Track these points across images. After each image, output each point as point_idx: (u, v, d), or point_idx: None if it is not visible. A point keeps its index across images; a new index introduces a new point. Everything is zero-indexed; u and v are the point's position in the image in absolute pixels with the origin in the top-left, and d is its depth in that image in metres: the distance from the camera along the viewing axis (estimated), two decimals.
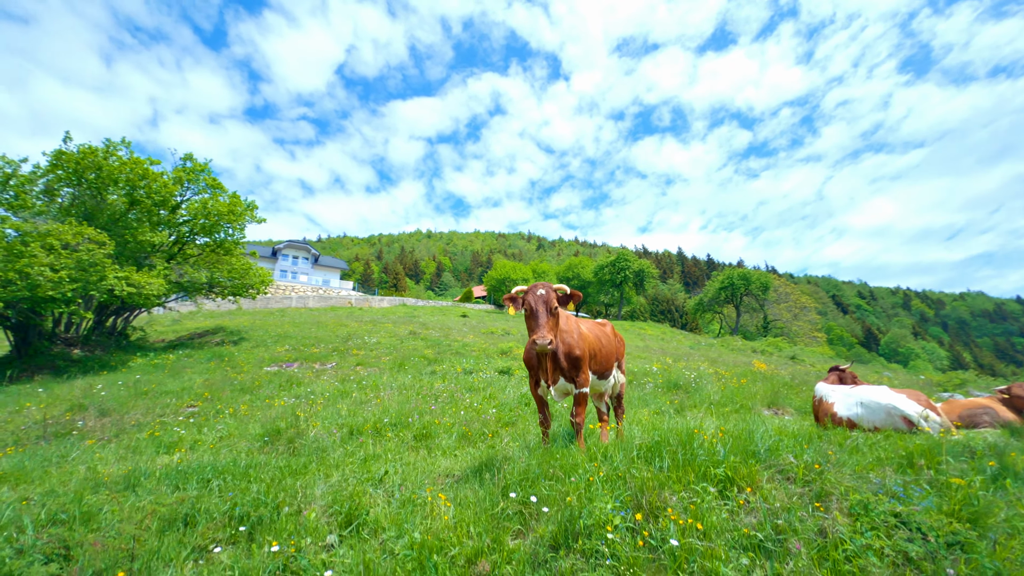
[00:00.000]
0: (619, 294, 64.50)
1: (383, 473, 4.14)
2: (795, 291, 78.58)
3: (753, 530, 2.93)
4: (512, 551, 2.77)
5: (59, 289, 12.50)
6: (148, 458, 5.94)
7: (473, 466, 4.49)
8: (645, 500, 3.09)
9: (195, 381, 11.30)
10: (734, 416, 8.80)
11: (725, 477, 3.42)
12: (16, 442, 7.50)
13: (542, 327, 4.04)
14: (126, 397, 9.61)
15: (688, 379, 11.95)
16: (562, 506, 3.05)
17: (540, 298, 4.20)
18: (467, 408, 7.95)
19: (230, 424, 7.30)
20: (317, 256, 67.37)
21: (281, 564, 2.80)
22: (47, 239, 12.95)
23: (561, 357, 4.56)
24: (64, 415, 8.37)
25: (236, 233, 20.60)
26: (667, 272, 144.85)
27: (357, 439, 6.05)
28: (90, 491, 4.02)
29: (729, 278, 63.04)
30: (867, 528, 2.92)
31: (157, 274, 15.99)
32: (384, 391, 9.35)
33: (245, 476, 4.29)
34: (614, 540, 2.78)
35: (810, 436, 4.49)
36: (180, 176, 18.10)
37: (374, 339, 20.85)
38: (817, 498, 3.22)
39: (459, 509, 3.27)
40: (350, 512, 3.34)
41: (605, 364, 5.31)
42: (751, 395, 10.31)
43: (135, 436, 6.96)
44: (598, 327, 5.62)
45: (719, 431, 4.19)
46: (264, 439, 6.26)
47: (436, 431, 6.48)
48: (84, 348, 17.66)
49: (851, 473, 3.54)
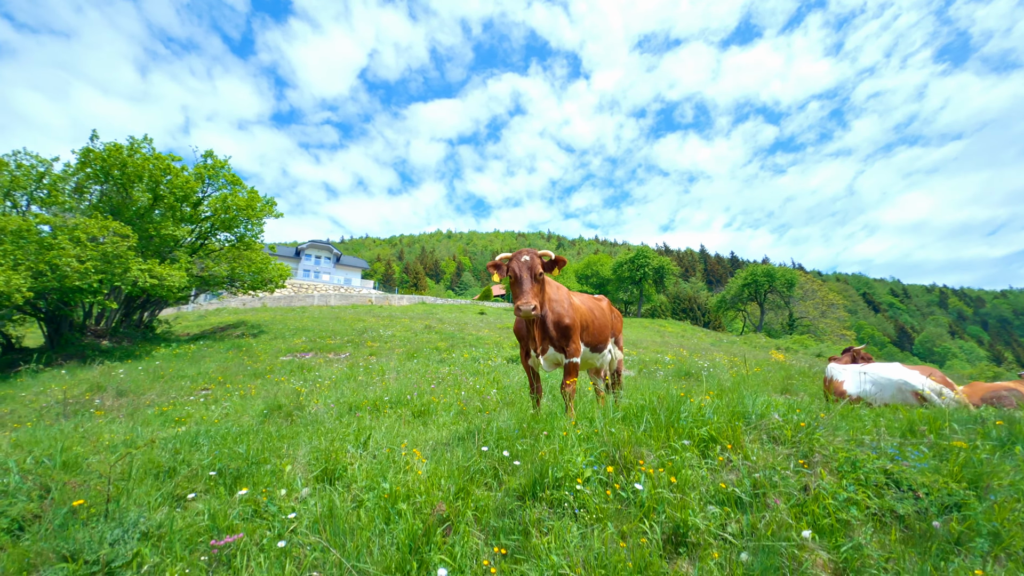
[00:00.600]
0: (639, 291, 63.70)
1: (367, 437, 4.15)
2: (823, 288, 76.23)
3: (732, 487, 2.82)
4: (478, 499, 2.73)
5: (85, 280, 13.02)
6: (156, 429, 6.11)
7: (461, 433, 4.47)
8: (620, 455, 3.00)
9: (211, 367, 11.61)
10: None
11: (709, 437, 3.31)
12: (38, 418, 7.82)
13: (526, 293, 3.98)
14: (144, 380, 9.94)
15: (701, 368, 11.69)
16: (535, 461, 3.00)
17: (524, 264, 4.13)
18: (469, 389, 7.94)
19: (236, 402, 7.47)
20: (339, 256, 68.59)
21: (251, 510, 2.83)
22: (74, 232, 13.51)
23: (550, 325, 4.49)
24: (84, 395, 8.70)
25: (255, 228, 21.12)
26: (689, 270, 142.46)
27: (355, 414, 6.10)
28: (91, 451, 4.16)
29: (752, 275, 61.57)
30: (853, 484, 2.78)
31: (179, 267, 16.51)
32: (390, 375, 9.43)
33: (236, 440, 4.37)
34: (583, 491, 2.71)
35: (808, 405, 4.31)
36: (201, 173, 18.66)
37: (389, 332, 21.06)
38: (803, 457, 3.08)
39: (434, 465, 3.25)
40: (327, 468, 3.36)
41: (598, 336, 5.22)
42: (763, 382, 10.02)
43: (145, 412, 7.19)
44: (592, 300, 5.53)
45: (708, 396, 4.06)
46: (265, 414, 6.38)
47: (435, 409, 6.49)
48: (112, 339, 18.37)
49: (845, 437, 3.38)
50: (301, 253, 64.71)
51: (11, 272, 12.23)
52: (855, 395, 5.74)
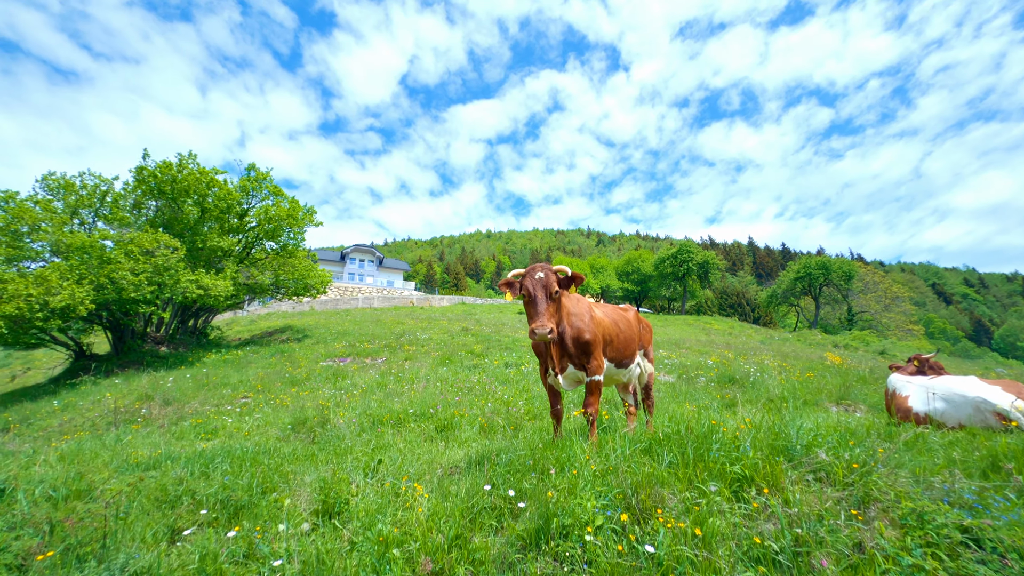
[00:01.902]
0: (682, 287, 61.55)
1: (378, 461, 4.00)
2: (885, 280, 70.91)
3: (769, 540, 2.43)
4: (475, 549, 2.48)
5: (140, 291, 13.79)
6: (188, 442, 6.27)
7: (476, 457, 4.24)
8: (636, 499, 2.67)
9: (252, 375, 11.99)
10: (796, 413, 7.88)
11: (743, 476, 2.91)
12: (92, 427, 8.28)
13: (541, 315, 3.68)
14: (190, 388, 10.36)
15: (747, 373, 10.95)
16: (541, 503, 2.71)
17: (539, 282, 3.83)
18: (496, 400, 7.72)
19: (267, 414, 7.59)
20: (381, 259, 70.35)
21: (243, 550, 2.71)
22: (128, 246, 14.34)
23: (568, 342, 4.19)
24: (134, 404, 9.14)
25: (297, 236, 21.82)
26: (736, 264, 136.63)
27: (376, 429, 6.02)
28: (114, 472, 4.24)
29: (806, 267, 58.07)
30: (920, 544, 2.32)
31: (225, 277, 17.26)
32: (419, 384, 9.36)
33: (253, 461, 4.33)
34: (593, 543, 2.40)
35: (866, 431, 3.79)
36: (245, 185, 19.45)
37: (426, 335, 21.23)
38: (858, 505, 2.64)
39: (437, 502, 3.03)
40: (328, 501, 3.21)
41: (624, 351, 4.85)
42: (817, 389, 9.23)
43: (182, 425, 7.43)
44: (617, 312, 5.16)
45: (744, 424, 3.62)
46: (291, 428, 6.41)
47: (458, 423, 6.31)
48: (170, 346, 19.50)
49: (909, 476, 2.88)
50: (346, 257, 66.83)
51: (75, 286, 13.12)
52: (922, 413, 5.07)
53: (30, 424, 9.03)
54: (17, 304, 12.32)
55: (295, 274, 21.25)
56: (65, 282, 13.16)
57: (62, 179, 17.04)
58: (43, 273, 13.15)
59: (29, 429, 8.77)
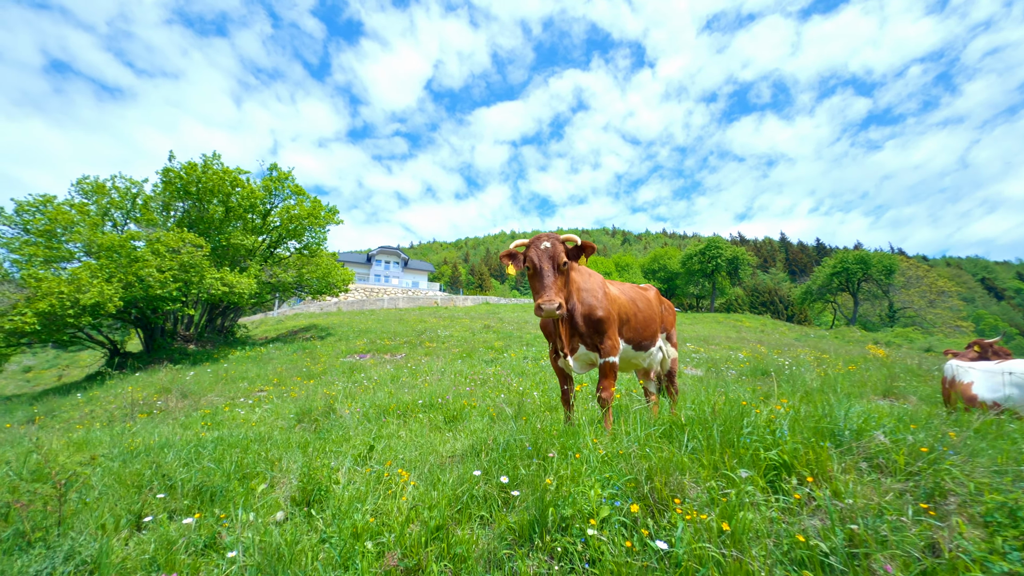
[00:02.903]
0: (710, 284, 59.78)
1: (369, 449, 3.68)
2: (930, 275, 67.19)
3: (815, 538, 1.97)
4: (458, 543, 2.11)
5: (165, 288, 14.03)
6: (193, 432, 6.13)
7: (474, 445, 3.88)
8: (650, 487, 2.25)
9: (270, 370, 11.98)
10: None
11: (780, 463, 2.45)
12: (109, 419, 8.31)
13: (547, 288, 3.27)
14: (208, 382, 10.38)
15: (781, 366, 10.24)
16: (538, 491, 2.33)
17: (544, 252, 3.42)
18: (510, 391, 7.34)
19: (276, 405, 7.44)
20: (406, 260, 71.04)
21: (204, 540, 2.42)
22: (156, 245, 14.62)
23: (579, 319, 3.77)
24: (152, 397, 9.17)
25: (319, 235, 21.99)
26: (768, 260, 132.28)
27: (382, 420, 5.73)
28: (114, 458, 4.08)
29: (843, 262, 55.47)
30: (1016, 547, 1.83)
31: (249, 275, 17.46)
32: (433, 376, 9.08)
33: (244, 448, 4.09)
34: (597, 538, 2.00)
35: (926, 417, 3.25)
36: (268, 185, 19.69)
37: (447, 332, 21.04)
38: (927, 498, 2.15)
39: (424, 490, 2.68)
40: (307, 489, 2.90)
41: (643, 332, 4.40)
42: (860, 382, 8.49)
43: (193, 415, 7.34)
44: (636, 290, 4.71)
45: (783, 405, 3.15)
46: (295, 418, 6.20)
47: (468, 413, 5.96)
48: (197, 344, 19.91)
49: (989, 465, 2.37)
50: (372, 259, 67.75)
51: (104, 284, 13.42)
52: (990, 401, 4.44)
53: (54, 416, 9.17)
54: (50, 301, 12.68)
55: (318, 272, 21.41)
56: (95, 280, 13.48)
57: (94, 182, 17.58)
58: (74, 272, 13.51)
59: (53, 421, 8.90)
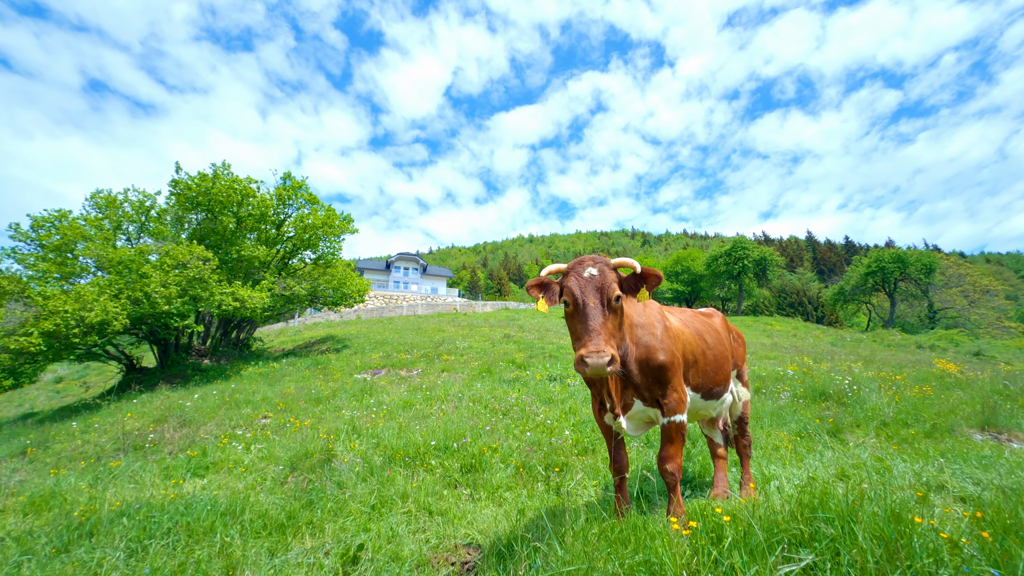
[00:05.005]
0: (737, 287, 57.68)
1: (358, 546, 2.78)
2: (972, 272, 63.55)
3: None
4: None
5: (171, 304, 13.50)
6: (174, 482, 5.35)
7: (504, 535, 2.93)
8: None
9: (282, 391, 11.27)
10: (926, 443, 6.05)
11: None
12: (97, 455, 7.63)
13: (594, 333, 2.27)
14: (212, 407, 9.69)
15: (840, 386, 9.03)
16: None
17: (590, 283, 2.41)
18: (537, 427, 6.39)
19: (271, 443, 6.61)
20: (425, 266, 70.84)
21: None
22: (163, 259, 14.14)
23: (633, 366, 2.78)
24: (147, 427, 8.49)
25: (334, 245, 21.42)
26: (795, 260, 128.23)
27: (387, 471, 4.83)
28: (63, 531, 3.28)
29: (878, 261, 52.89)
30: None
31: (261, 288, 16.91)
32: (449, 404, 8.18)
33: (207, 532, 3.24)
34: None
35: None
36: (281, 194, 19.19)
37: (466, 343, 20.21)
38: None
39: None
40: None
41: (714, 376, 3.39)
42: (946, 410, 7.26)
43: (186, 449, 6.58)
44: (700, 318, 3.70)
45: (961, 503, 2.11)
46: (288, 466, 5.36)
47: (488, 461, 5.02)
48: (212, 358, 19.47)
49: None
50: (391, 266, 67.71)
51: (109, 301, 12.95)
52: None
53: (47, 448, 8.57)
54: (55, 320, 12.25)
55: (332, 283, 20.83)
56: (101, 297, 13.03)
57: (107, 196, 17.31)
58: (80, 289, 13.08)
59: (44, 454, 8.29)
